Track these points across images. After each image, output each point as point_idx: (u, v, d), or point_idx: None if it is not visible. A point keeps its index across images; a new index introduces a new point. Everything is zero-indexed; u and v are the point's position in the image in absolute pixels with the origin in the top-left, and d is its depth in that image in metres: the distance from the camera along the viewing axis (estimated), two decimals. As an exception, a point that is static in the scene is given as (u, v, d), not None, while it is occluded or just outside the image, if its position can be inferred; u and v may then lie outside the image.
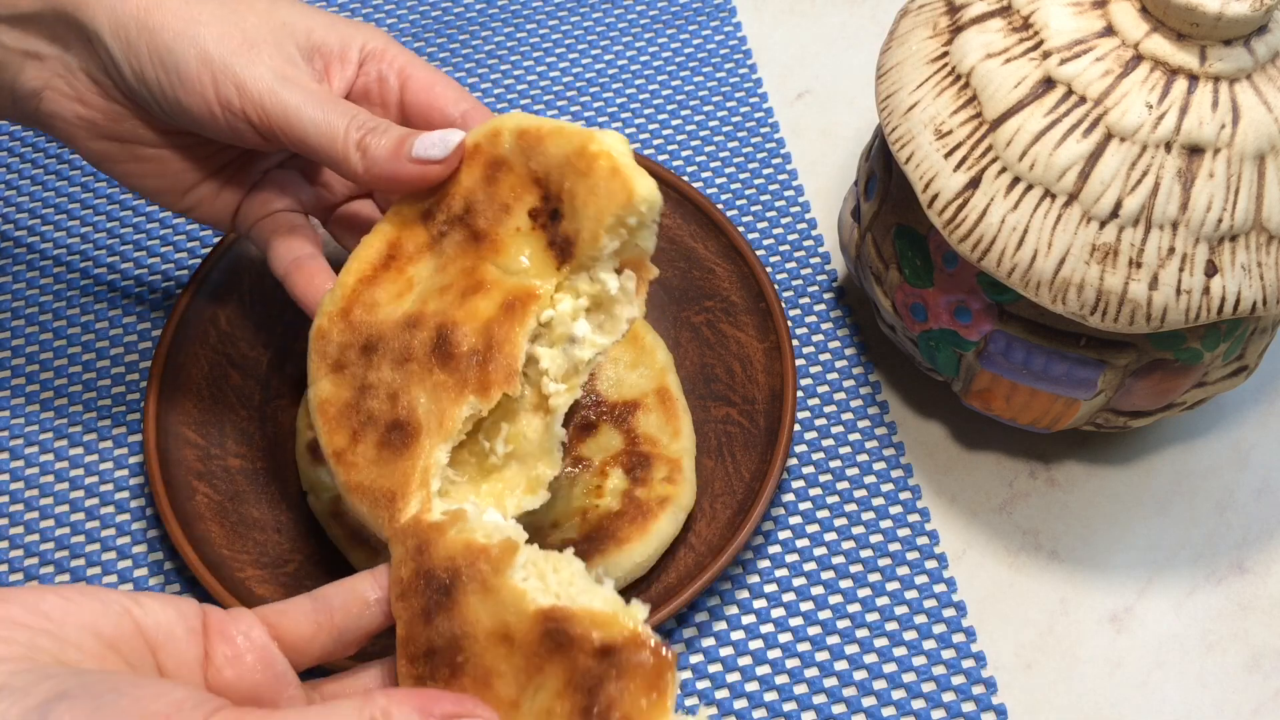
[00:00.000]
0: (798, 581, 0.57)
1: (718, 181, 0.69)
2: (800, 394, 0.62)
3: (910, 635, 0.56)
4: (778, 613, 0.56)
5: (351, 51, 0.49)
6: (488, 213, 0.45)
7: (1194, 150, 0.48)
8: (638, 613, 0.39)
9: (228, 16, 0.47)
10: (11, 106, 0.50)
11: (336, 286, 0.46)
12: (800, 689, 0.55)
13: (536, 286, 0.44)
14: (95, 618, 0.36)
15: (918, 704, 0.54)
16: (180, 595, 0.41)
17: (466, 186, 0.45)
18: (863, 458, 0.61)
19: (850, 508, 0.59)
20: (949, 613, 0.56)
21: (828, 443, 0.61)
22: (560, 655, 0.39)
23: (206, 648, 0.39)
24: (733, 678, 0.55)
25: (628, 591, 0.55)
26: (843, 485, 0.60)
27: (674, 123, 0.71)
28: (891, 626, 0.56)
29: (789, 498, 0.59)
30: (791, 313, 0.65)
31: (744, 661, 0.55)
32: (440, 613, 0.40)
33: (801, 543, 0.58)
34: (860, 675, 0.55)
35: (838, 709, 0.54)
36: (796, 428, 0.61)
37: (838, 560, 0.58)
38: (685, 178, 0.68)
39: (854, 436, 0.61)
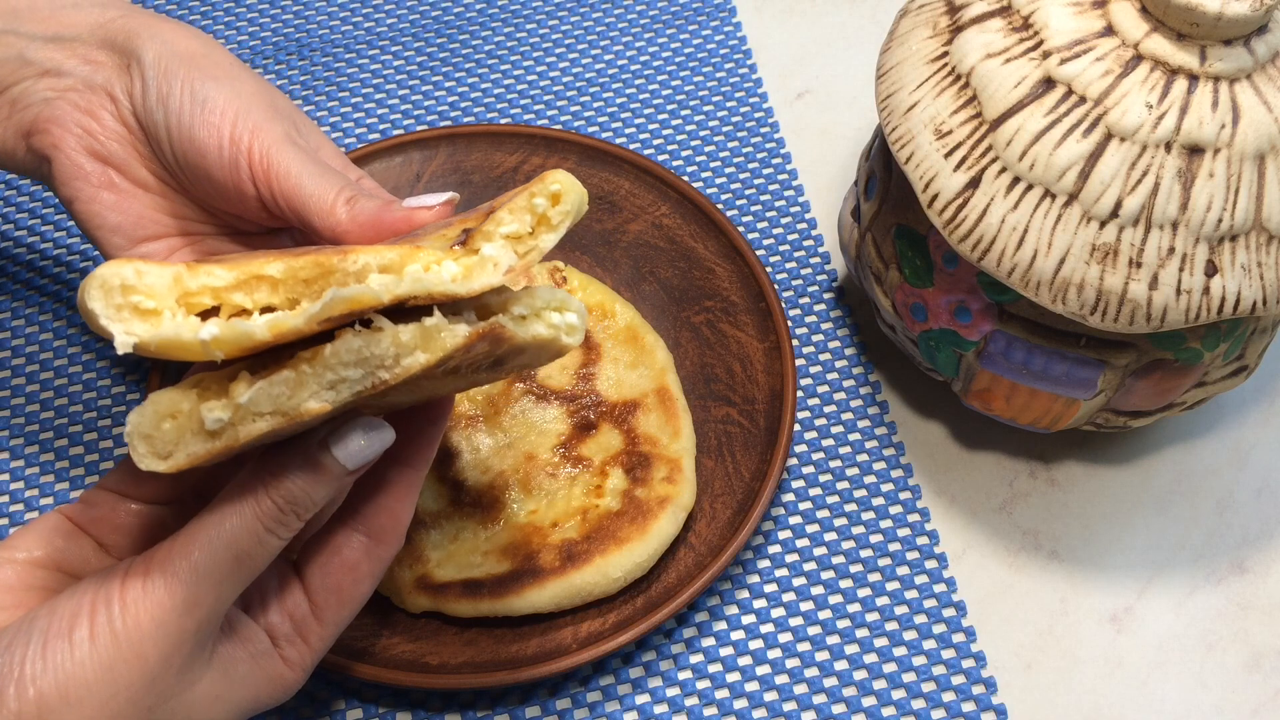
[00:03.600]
0: (798, 581, 0.57)
1: (718, 181, 0.69)
2: (800, 394, 0.62)
3: (910, 635, 0.56)
4: (778, 613, 0.56)
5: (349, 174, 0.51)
6: (429, 233, 0.43)
7: (1194, 150, 0.48)
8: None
9: (263, 88, 0.49)
10: (2, 115, 0.50)
11: None
12: (800, 689, 0.55)
13: (421, 248, 0.41)
14: None
15: (918, 704, 0.54)
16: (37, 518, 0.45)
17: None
18: (863, 458, 0.61)
19: (850, 508, 0.59)
20: (949, 613, 0.56)
21: (828, 443, 0.61)
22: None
23: (93, 536, 0.44)
24: (733, 678, 0.55)
25: (627, 592, 0.55)
26: (843, 485, 0.60)
27: (674, 123, 0.71)
28: (891, 626, 0.56)
29: (789, 498, 0.59)
30: (791, 313, 0.65)
31: (744, 661, 0.55)
32: None
33: (801, 543, 0.58)
34: (860, 675, 0.55)
35: (838, 709, 0.54)
36: (796, 428, 0.61)
37: (838, 560, 0.58)
38: (685, 178, 0.68)
39: (854, 436, 0.61)
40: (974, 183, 0.50)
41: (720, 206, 0.67)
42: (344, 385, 0.38)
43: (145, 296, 0.37)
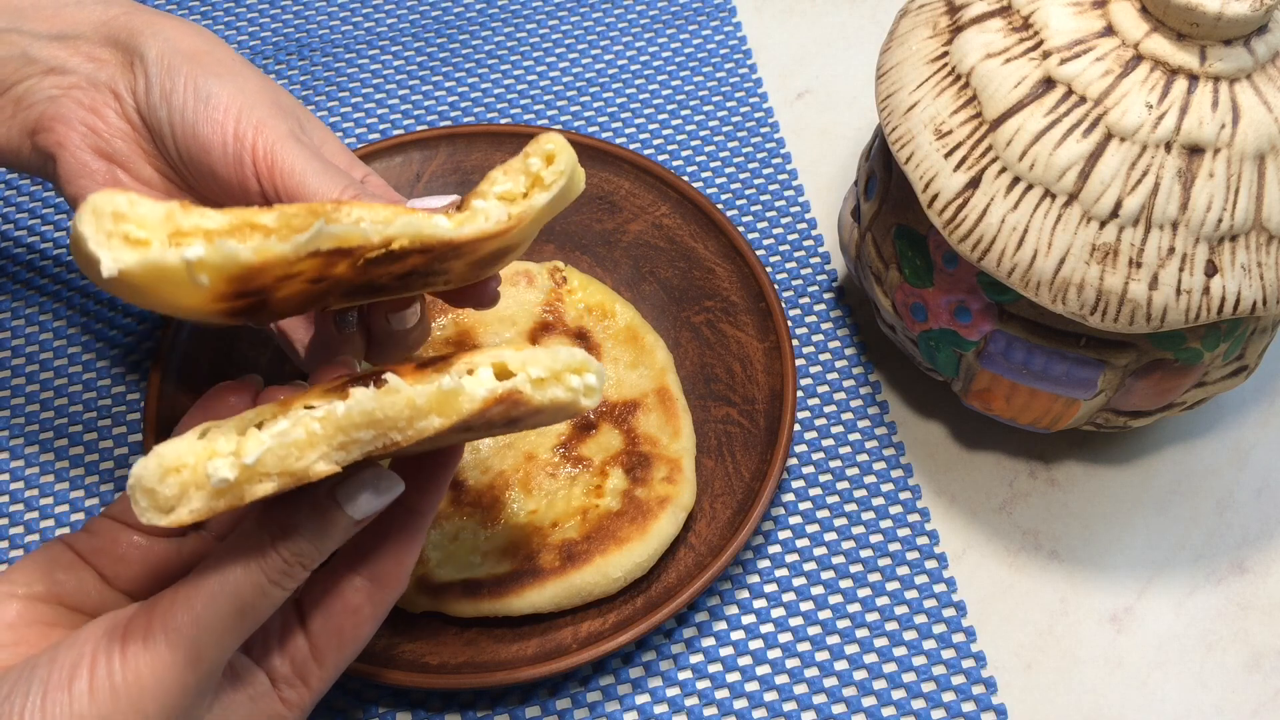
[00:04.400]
0: (798, 581, 0.57)
1: (718, 181, 0.69)
2: (800, 394, 0.62)
3: (910, 635, 0.56)
4: (778, 613, 0.56)
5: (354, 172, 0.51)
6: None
7: (1194, 150, 0.48)
8: None
9: (267, 85, 0.49)
10: (7, 114, 0.50)
11: None
12: (800, 689, 0.55)
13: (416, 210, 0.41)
14: None
15: (918, 704, 0.54)
16: (40, 547, 0.45)
17: None
18: (863, 458, 0.61)
19: (850, 508, 0.59)
20: (949, 613, 0.56)
21: (828, 443, 0.61)
22: None
23: (95, 566, 0.44)
24: (733, 678, 0.55)
25: (627, 592, 0.55)
26: (843, 485, 0.60)
27: (674, 123, 0.71)
28: (891, 626, 0.56)
29: (789, 498, 0.59)
30: (791, 313, 0.65)
31: (744, 661, 0.55)
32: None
33: (801, 543, 0.58)
34: (860, 675, 0.55)
35: (838, 709, 0.54)
36: (796, 428, 0.61)
37: (838, 560, 0.58)
38: (685, 178, 0.68)
39: (854, 436, 0.61)
40: (974, 183, 0.50)
41: (720, 206, 0.67)
42: (355, 446, 0.38)
43: (136, 226, 0.36)
